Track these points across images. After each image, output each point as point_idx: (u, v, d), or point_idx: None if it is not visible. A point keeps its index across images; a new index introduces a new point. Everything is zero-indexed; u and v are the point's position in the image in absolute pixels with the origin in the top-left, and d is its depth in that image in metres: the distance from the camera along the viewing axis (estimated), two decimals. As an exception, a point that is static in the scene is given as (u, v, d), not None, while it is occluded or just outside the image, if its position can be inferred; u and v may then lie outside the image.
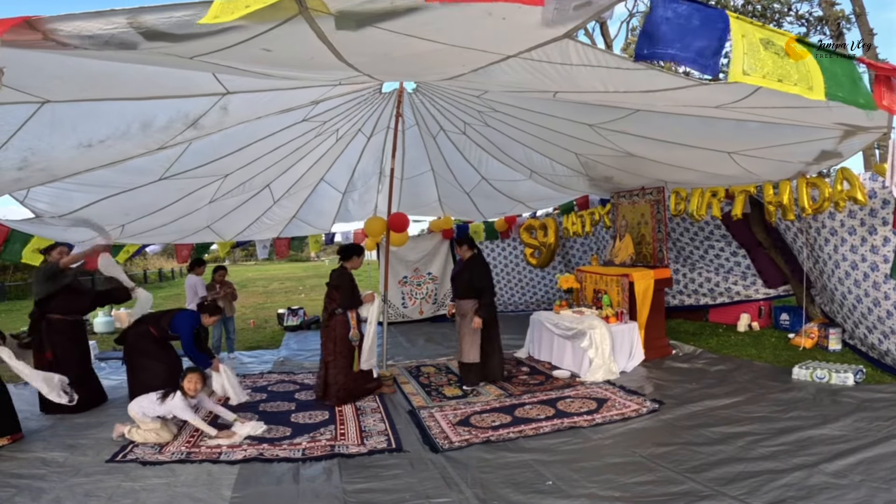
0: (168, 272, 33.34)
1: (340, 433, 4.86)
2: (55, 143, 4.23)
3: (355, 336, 5.75)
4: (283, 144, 6.20)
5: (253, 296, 19.84)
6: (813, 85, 2.46)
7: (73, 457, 4.41)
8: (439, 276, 11.09)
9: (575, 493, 3.53)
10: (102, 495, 3.71)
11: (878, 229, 5.42)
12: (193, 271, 8.18)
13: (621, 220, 8.05)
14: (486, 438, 4.55)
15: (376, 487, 3.74)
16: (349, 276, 5.87)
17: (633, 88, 3.82)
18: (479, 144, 7.46)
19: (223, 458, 4.32)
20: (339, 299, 5.75)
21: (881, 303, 5.56)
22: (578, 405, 5.32)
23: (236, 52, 2.90)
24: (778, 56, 2.44)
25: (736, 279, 8.46)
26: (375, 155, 7.75)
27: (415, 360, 7.68)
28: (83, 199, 5.71)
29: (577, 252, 10.70)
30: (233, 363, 8.09)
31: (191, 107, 4.42)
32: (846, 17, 13.21)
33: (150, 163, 5.31)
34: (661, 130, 5.23)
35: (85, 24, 2.34)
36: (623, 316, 6.88)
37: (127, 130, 4.40)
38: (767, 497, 3.31)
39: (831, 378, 5.51)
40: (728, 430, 4.45)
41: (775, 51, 2.45)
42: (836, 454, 3.84)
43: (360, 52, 3.20)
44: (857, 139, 4.62)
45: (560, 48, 3.01)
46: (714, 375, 6.11)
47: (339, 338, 5.72)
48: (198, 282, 8.11)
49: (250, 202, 7.76)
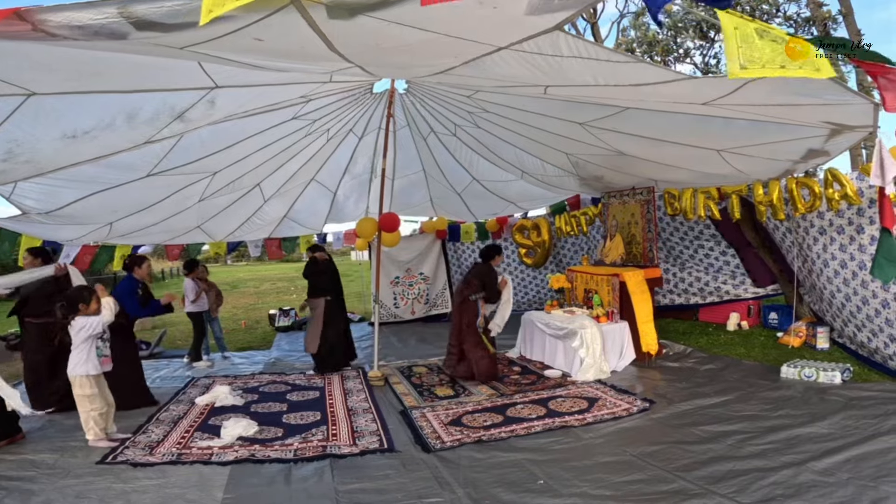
0: (158, 273, 33.11)
1: (332, 434, 4.85)
2: (39, 134, 4.20)
3: (482, 323, 6.40)
4: (273, 142, 6.18)
5: (244, 296, 19.75)
6: (819, 66, 2.44)
7: (63, 458, 4.38)
8: (431, 276, 11.10)
9: (566, 492, 3.54)
10: (93, 497, 3.69)
11: (866, 228, 5.48)
12: (189, 274, 8.20)
13: (612, 219, 8.08)
14: (477, 438, 4.56)
15: (368, 488, 3.74)
16: (494, 273, 6.62)
17: (622, 82, 3.84)
18: (470, 146, 7.47)
19: (214, 459, 4.31)
20: (477, 288, 6.43)
21: (869, 301, 5.62)
22: (570, 405, 5.35)
23: (227, 42, 2.89)
24: (776, 43, 2.43)
25: (725, 278, 8.52)
26: (367, 155, 7.75)
27: (406, 361, 7.68)
28: (70, 196, 5.67)
29: (568, 252, 10.73)
30: (227, 363, 8.08)
31: (177, 100, 4.41)
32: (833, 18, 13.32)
33: (137, 159, 5.27)
34: (650, 128, 5.26)
35: (75, 15, 2.33)
36: (614, 315, 6.92)
37: (112, 122, 4.37)
38: (756, 495, 3.34)
39: (819, 376, 5.56)
40: (718, 429, 4.49)
41: (772, 38, 2.43)
42: (824, 452, 3.88)
43: (351, 42, 3.20)
44: (844, 138, 4.66)
45: (551, 40, 3.03)
46: (704, 374, 6.15)
47: (470, 321, 6.41)
48: (189, 284, 8.10)
49: (240, 201, 7.73)
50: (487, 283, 6.49)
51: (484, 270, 6.60)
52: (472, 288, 6.46)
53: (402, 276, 10.93)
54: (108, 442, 4.67)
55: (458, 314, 6.56)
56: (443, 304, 11.17)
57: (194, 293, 8.06)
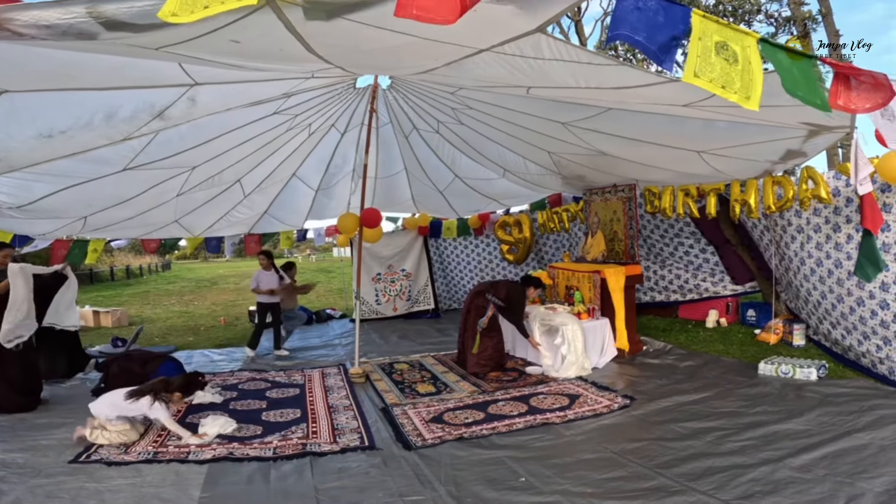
0: (136, 269, 32.66)
1: (313, 431, 4.80)
2: (13, 133, 4.10)
3: (483, 324, 6.61)
4: (254, 137, 6.09)
5: (224, 293, 19.55)
6: (751, 95, 2.54)
7: (33, 458, 4.27)
8: (413, 272, 11.06)
9: (548, 489, 3.54)
10: (65, 496, 3.60)
11: (842, 227, 5.56)
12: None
13: (593, 216, 8.11)
14: (459, 435, 4.54)
15: (349, 486, 3.70)
16: (525, 297, 6.81)
17: (604, 84, 3.85)
18: (453, 143, 7.45)
19: (192, 457, 4.23)
20: (501, 294, 6.62)
21: (845, 299, 5.70)
22: (551, 401, 5.35)
23: (203, 43, 2.84)
24: (726, 62, 2.51)
25: (705, 276, 8.61)
26: (349, 151, 7.68)
27: (388, 357, 7.64)
28: (43, 190, 5.54)
29: (549, 248, 10.77)
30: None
31: (157, 98, 4.32)
32: (813, 18, 13.53)
33: (113, 153, 5.17)
34: (632, 129, 5.28)
35: (42, 14, 2.27)
36: (595, 312, 6.95)
37: (90, 121, 4.28)
38: (736, 492, 3.37)
39: (795, 373, 5.64)
40: (697, 426, 4.52)
41: (725, 56, 2.52)
42: (801, 448, 3.93)
43: (330, 43, 3.16)
44: (822, 138, 4.72)
45: (532, 42, 3.02)
46: (683, 371, 6.21)
47: (475, 318, 6.69)
48: (263, 275, 8.28)
49: (220, 197, 7.63)
50: (514, 301, 6.67)
51: (517, 289, 6.81)
52: (497, 291, 6.68)
53: (384, 273, 10.88)
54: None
55: (467, 308, 6.86)
56: (425, 300, 11.15)
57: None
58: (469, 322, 6.78)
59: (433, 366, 7.05)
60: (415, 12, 2.12)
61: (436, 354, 7.69)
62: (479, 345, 6.61)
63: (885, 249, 5.01)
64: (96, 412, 4.59)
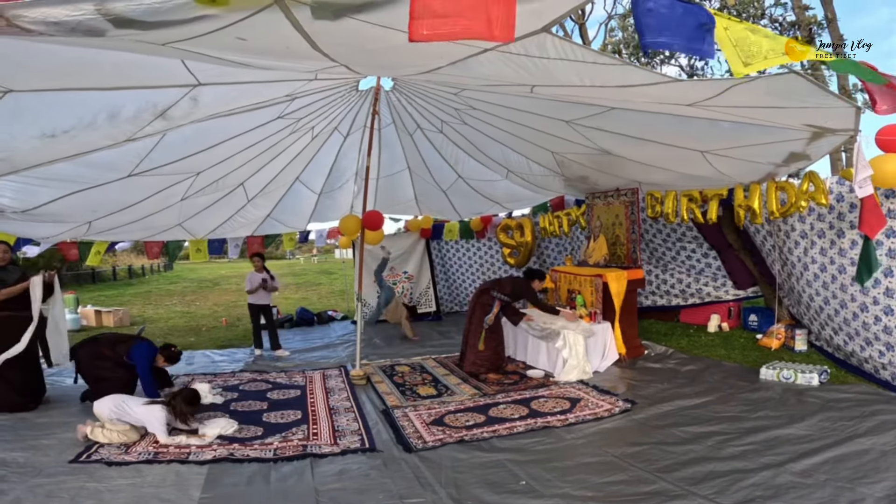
0: (138, 269, 32.73)
1: (313, 433, 4.80)
2: (16, 132, 4.10)
3: (490, 321, 6.66)
4: (258, 142, 6.11)
5: (225, 293, 19.57)
6: (806, 50, 2.49)
7: (34, 457, 4.27)
8: (415, 274, 11.06)
9: (548, 492, 3.54)
10: (65, 496, 3.60)
11: (846, 233, 5.54)
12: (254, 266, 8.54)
13: (596, 220, 8.11)
14: (459, 438, 4.54)
15: (349, 487, 3.70)
16: (532, 291, 6.85)
17: (608, 83, 3.85)
18: (456, 143, 7.45)
19: (192, 458, 4.24)
20: (507, 290, 6.72)
21: (848, 305, 5.68)
22: (552, 405, 5.35)
23: (211, 39, 2.85)
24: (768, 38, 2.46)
25: (707, 280, 8.59)
26: (352, 153, 7.69)
27: (389, 359, 7.64)
28: (48, 195, 5.55)
29: (551, 252, 10.76)
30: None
31: (160, 97, 4.33)
32: (819, 23, 13.52)
33: (118, 158, 5.17)
34: (636, 127, 5.28)
35: (51, 11, 2.27)
36: (596, 316, 6.94)
37: (93, 121, 4.28)
38: (736, 497, 3.36)
39: (797, 378, 5.62)
40: (698, 430, 4.51)
41: (764, 34, 2.46)
42: (802, 454, 3.92)
43: (336, 42, 3.17)
44: (825, 141, 4.71)
45: (537, 42, 3.02)
46: (685, 375, 6.19)
47: (480, 317, 6.72)
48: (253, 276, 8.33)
49: (223, 201, 7.65)
50: (519, 294, 6.80)
51: (522, 285, 6.88)
52: (501, 288, 6.75)
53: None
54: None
55: (473, 306, 6.87)
56: (426, 302, 11.14)
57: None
58: (474, 320, 6.78)
59: (434, 368, 7.05)
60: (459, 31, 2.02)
61: (437, 357, 7.69)
62: (483, 341, 6.62)
63: (890, 255, 4.99)
64: (98, 412, 4.61)
